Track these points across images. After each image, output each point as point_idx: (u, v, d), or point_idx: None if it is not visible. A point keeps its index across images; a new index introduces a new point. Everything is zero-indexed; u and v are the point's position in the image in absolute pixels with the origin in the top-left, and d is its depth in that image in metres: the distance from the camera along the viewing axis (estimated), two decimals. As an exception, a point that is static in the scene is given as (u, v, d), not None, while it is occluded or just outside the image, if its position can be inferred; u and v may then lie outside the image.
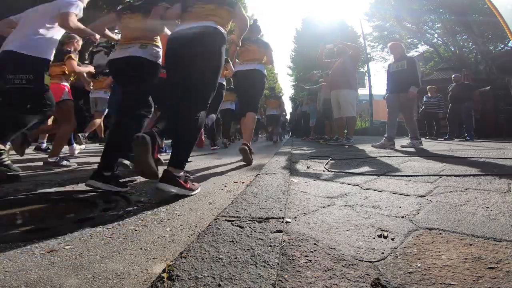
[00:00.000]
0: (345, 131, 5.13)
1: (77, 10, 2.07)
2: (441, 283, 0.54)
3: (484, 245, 0.71)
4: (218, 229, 0.82)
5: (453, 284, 0.54)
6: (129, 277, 0.64)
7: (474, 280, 0.55)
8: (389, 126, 3.90)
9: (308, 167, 2.12)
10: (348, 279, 0.57)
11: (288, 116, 14.03)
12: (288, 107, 22.31)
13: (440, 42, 15.95)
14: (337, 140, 5.08)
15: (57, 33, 2.12)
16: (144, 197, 1.41)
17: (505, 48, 12.73)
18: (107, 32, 2.07)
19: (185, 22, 1.70)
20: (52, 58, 2.16)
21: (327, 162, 2.33)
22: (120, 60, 1.74)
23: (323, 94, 5.90)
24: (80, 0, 2.12)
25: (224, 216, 0.93)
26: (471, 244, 0.71)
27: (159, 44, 1.87)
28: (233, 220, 0.89)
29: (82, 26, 2.10)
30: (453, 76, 7.06)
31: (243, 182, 1.77)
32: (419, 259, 0.64)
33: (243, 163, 2.77)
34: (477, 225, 0.84)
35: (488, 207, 1.01)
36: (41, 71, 2.08)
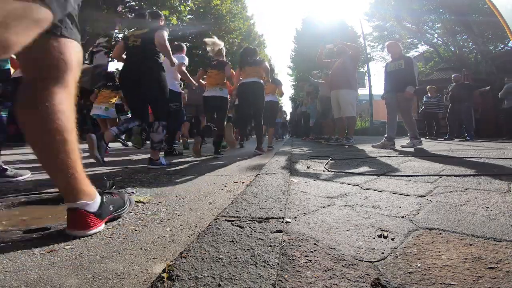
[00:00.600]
0: (345, 131, 5.14)
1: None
2: (441, 283, 0.54)
3: (484, 245, 0.71)
4: (218, 229, 0.82)
5: (453, 284, 0.54)
6: (129, 277, 0.64)
7: (474, 280, 0.55)
8: (389, 126, 3.89)
9: (308, 167, 2.12)
10: (348, 279, 0.57)
11: (288, 117, 14.03)
12: (288, 107, 22.28)
13: (440, 42, 15.94)
14: (337, 140, 5.08)
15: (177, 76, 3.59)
16: (144, 197, 1.41)
17: (505, 48, 12.73)
18: (200, 80, 3.79)
19: (244, 77, 3.48)
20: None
21: (327, 162, 2.33)
22: (211, 97, 3.37)
23: (320, 92, 5.90)
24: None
25: (224, 216, 0.93)
26: (471, 244, 0.71)
27: (227, 87, 3.56)
28: (233, 220, 0.89)
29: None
30: (453, 76, 7.05)
31: (243, 182, 1.77)
32: (419, 259, 0.64)
33: (243, 163, 2.77)
34: (477, 225, 0.84)
35: (488, 207, 1.01)
36: (181, 101, 3.76)
